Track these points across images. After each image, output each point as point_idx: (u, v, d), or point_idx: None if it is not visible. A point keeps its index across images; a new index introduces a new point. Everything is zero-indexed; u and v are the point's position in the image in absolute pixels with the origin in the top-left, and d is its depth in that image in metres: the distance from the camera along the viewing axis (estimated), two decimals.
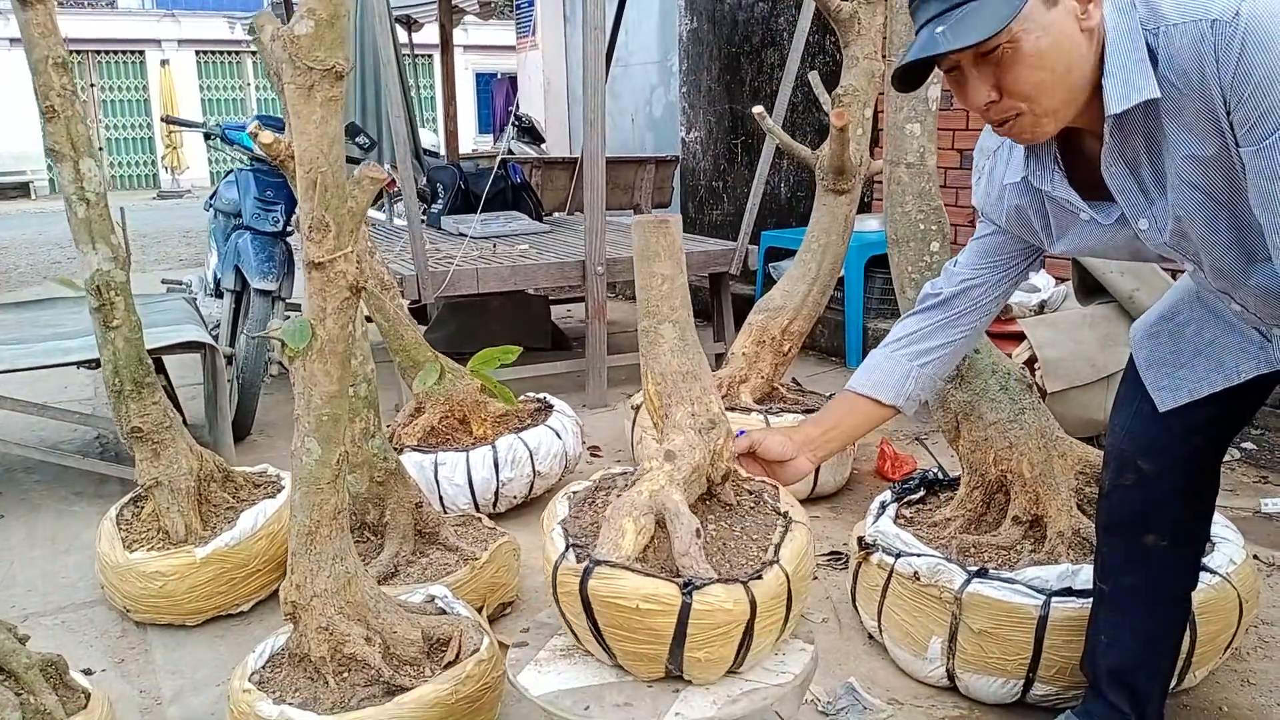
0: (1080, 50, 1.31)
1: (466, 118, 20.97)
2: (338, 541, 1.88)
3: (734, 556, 1.57)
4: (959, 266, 1.77)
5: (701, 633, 1.44)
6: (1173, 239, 1.43)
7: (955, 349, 1.79)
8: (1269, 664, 2.26)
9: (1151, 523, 1.75)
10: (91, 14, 20.58)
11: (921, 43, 1.33)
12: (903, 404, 1.78)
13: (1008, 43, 1.29)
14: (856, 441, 2.06)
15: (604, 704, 1.48)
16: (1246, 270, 1.42)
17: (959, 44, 1.29)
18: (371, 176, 1.78)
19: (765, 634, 1.52)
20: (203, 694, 2.26)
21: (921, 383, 1.78)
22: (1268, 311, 1.49)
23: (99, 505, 3.21)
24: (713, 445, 1.64)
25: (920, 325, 1.79)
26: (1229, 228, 1.38)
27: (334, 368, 1.79)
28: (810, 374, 4.81)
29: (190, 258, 9.90)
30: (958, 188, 4.82)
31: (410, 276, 4.07)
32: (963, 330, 1.77)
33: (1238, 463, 3.50)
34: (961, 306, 1.75)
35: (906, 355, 1.77)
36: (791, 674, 1.55)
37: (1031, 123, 1.37)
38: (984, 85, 1.35)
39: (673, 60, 7.19)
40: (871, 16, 3.15)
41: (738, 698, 1.48)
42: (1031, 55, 1.30)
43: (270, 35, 1.66)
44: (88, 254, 2.45)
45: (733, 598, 1.44)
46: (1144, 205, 1.42)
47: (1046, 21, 1.29)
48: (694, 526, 1.50)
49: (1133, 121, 1.35)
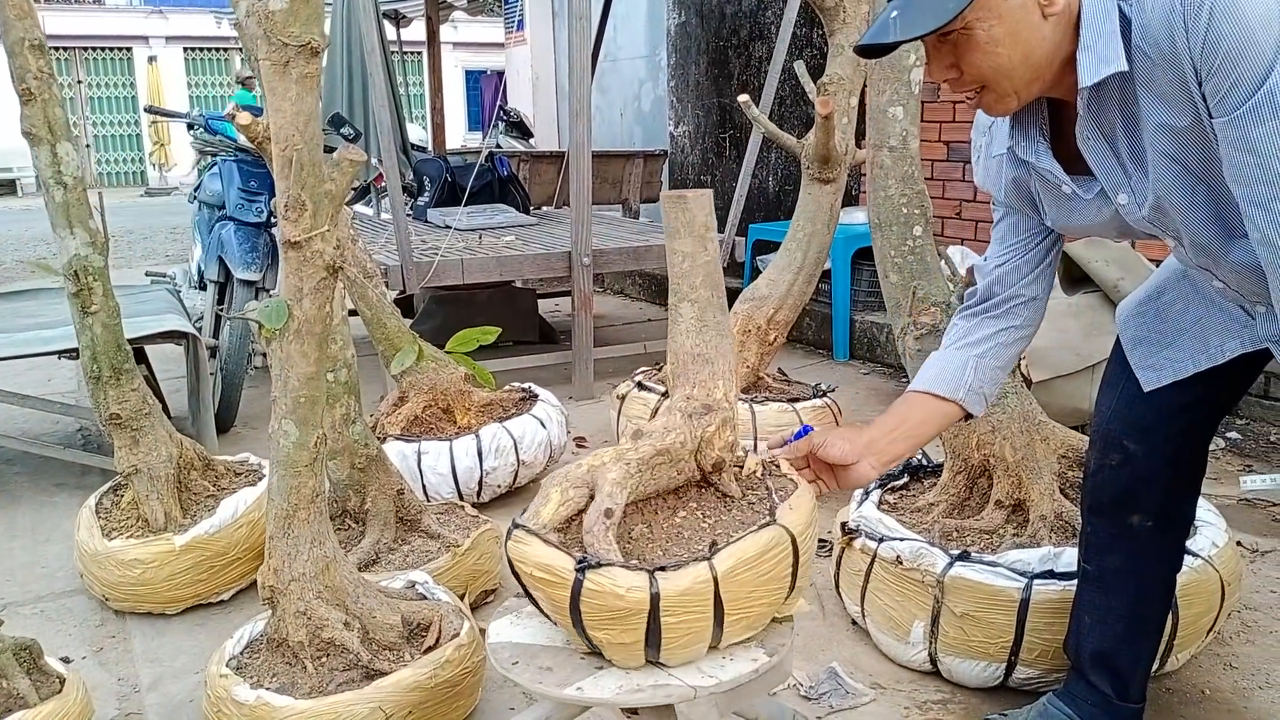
0: (1040, 34, 1.30)
1: (456, 115, 20.88)
2: (316, 525, 1.87)
3: (680, 547, 1.49)
4: (988, 258, 1.74)
5: (595, 613, 1.39)
6: (1151, 214, 1.42)
7: (1009, 338, 1.71)
8: (1251, 648, 2.27)
9: (1137, 503, 1.75)
10: (79, 10, 20.47)
11: (878, 25, 1.34)
12: (964, 396, 1.67)
13: (962, 29, 1.29)
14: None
15: (530, 663, 1.48)
16: (1226, 246, 1.41)
17: (905, 35, 1.30)
18: (350, 159, 1.76)
19: (684, 631, 1.41)
20: (181, 681, 2.24)
21: (982, 373, 1.68)
22: (1248, 288, 1.48)
23: (80, 496, 3.18)
24: (700, 431, 1.57)
25: (968, 319, 1.74)
26: (1207, 202, 1.37)
27: (311, 349, 1.77)
28: (798, 366, 4.81)
29: (177, 253, 9.85)
30: (945, 179, 4.82)
31: (395, 267, 4.06)
32: (1013, 320, 1.70)
33: (1222, 451, 3.51)
34: (1001, 294, 1.70)
35: (960, 348, 1.71)
36: (715, 680, 1.43)
37: (995, 99, 1.38)
38: (944, 63, 1.36)
39: (661, 55, 7.18)
40: (856, 5, 3.15)
41: (644, 689, 1.41)
42: (985, 43, 1.30)
43: (245, 11, 1.64)
44: (65, 239, 2.43)
45: (628, 585, 1.36)
46: (1122, 179, 1.42)
47: (1003, 9, 1.28)
48: (605, 506, 1.44)
49: (1108, 94, 1.34)
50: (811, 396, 3.34)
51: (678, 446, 1.55)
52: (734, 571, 1.41)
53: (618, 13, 7.02)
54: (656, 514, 1.56)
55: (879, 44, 1.35)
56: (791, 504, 1.51)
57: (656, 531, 1.53)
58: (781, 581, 1.48)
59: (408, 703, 1.81)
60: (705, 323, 1.61)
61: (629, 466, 1.50)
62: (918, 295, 2.35)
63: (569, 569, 1.39)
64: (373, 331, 3.07)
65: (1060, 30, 1.31)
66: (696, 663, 1.46)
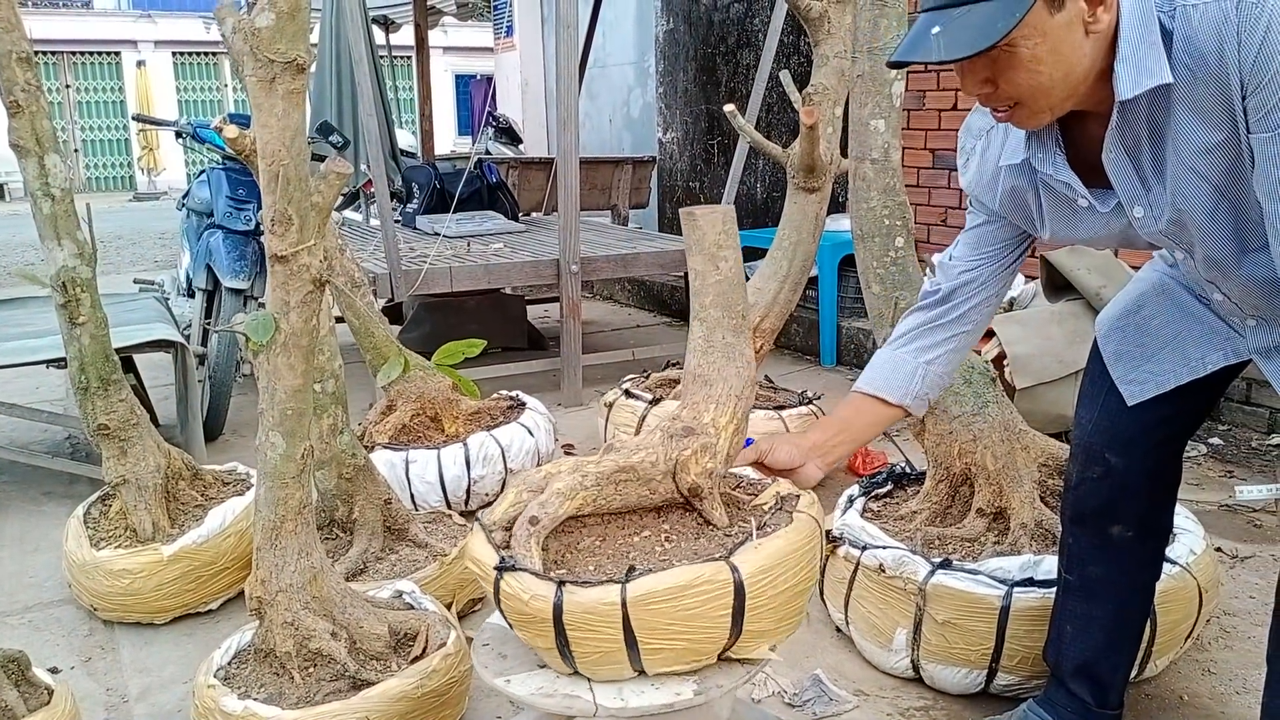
0: (1081, 52, 1.28)
1: (446, 119, 20.90)
2: (303, 536, 1.88)
3: (615, 565, 1.46)
4: (954, 260, 1.73)
5: (510, 614, 1.44)
6: (1169, 227, 1.41)
7: (960, 344, 1.73)
8: (1229, 654, 2.29)
9: (1119, 514, 1.77)
10: (66, 14, 20.40)
11: (914, 38, 1.29)
12: (911, 403, 1.71)
13: (1005, 46, 1.25)
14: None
15: (497, 649, 1.55)
16: (1239, 260, 1.41)
17: (950, 56, 1.25)
18: (336, 172, 1.78)
19: (591, 648, 1.40)
20: (170, 691, 2.25)
21: (930, 381, 1.71)
22: (1250, 302, 1.49)
23: (68, 505, 3.18)
24: (675, 453, 1.52)
25: (922, 321, 1.73)
26: (1228, 217, 1.36)
27: (298, 361, 1.79)
28: (785, 372, 4.84)
29: (165, 259, 9.83)
30: (930, 187, 4.85)
31: (383, 275, 4.07)
32: (966, 326, 1.72)
33: (1205, 457, 3.54)
34: (961, 300, 1.70)
35: (911, 352, 1.71)
36: (622, 704, 1.40)
37: (1028, 115, 1.35)
38: (978, 78, 1.32)
39: (649, 61, 7.21)
40: (841, 16, 3.17)
41: (556, 695, 1.43)
42: (1029, 61, 1.26)
43: (231, 27, 1.65)
44: (53, 250, 2.43)
45: (533, 593, 1.37)
46: (1141, 192, 1.40)
47: (1048, 27, 1.24)
48: (532, 514, 1.44)
49: (1138, 107, 1.32)
50: (798, 404, 3.36)
51: (646, 465, 1.52)
52: (646, 600, 1.36)
53: (606, 19, 7.05)
54: (620, 530, 1.55)
55: (914, 60, 1.31)
56: (760, 544, 1.44)
57: (606, 546, 1.51)
58: (713, 621, 1.40)
59: (395, 712, 1.82)
60: (712, 343, 1.57)
61: (583, 479, 1.49)
62: (900, 305, 2.38)
63: (490, 567, 1.42)
64: (360, 340, 3.09)
65: (1099, 46, 1.29)
66: (621, 682, 1.45)
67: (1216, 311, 1.60)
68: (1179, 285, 1.68)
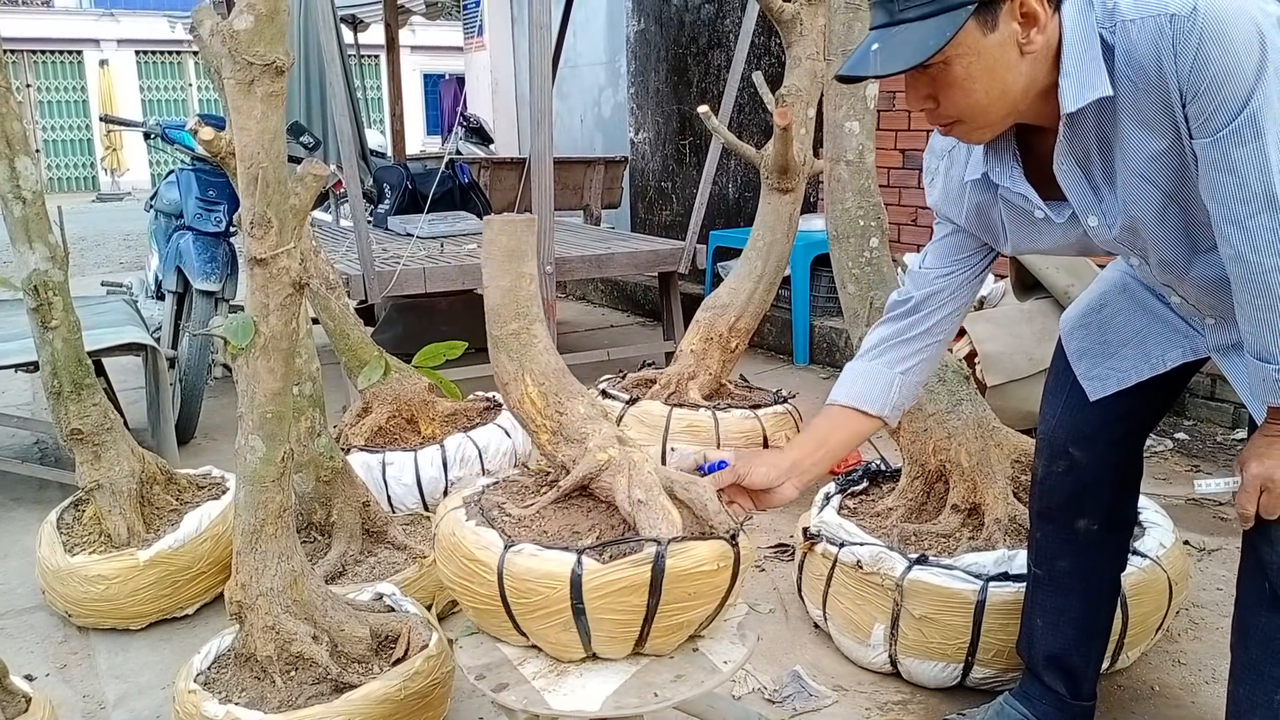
0: (1017, 71, 1.33)
1: (414, 119, 20.78)
2: (283, 540, 1.87)
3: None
4: (923, 270, 1.75)
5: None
6: (1122, 234, 1.46)
7: (933, 352, 1.75)
8: (1199, 644, 2.34)
9: (1084, 508, 1.81)
10: (27, 12, 20.08)
11: (858, 56, 1.35)
12: (889, 413, 1.72)
13: (941, 63, 1.31)
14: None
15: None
16: (1190, 261, 1.47)
17: (884, 70, 1.32)
18: (314, 173, 1.77)
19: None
20: (147, 697, 2.24)
21: (906, 390, 1.73)
22: (1206, 301, 1.53)
23: (38, 511, 3.15)
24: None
25: (893, 332, 1.75)
26: (1178, 220, 1.41)
27: (278, 365, 1.78)
28: (758, 371, 4.87)
29: (131, 261, 9.72)
30: (901, 187, 4.90)
31: (356, 276, 4.04)
32: (937, 334, 1.74)
33: (1171, 452, 3.61)
34: (930, 310, 1.72)
35: (885, 363, 1.73)
36: (534, 702, 1.48)
37: (968, 131, 1.41)
38: (920, 94, 1.38)
39: (621, 62, 7.22)
40: (813, 18, 3.20)
41: (495, 669, 1.55)
42: (963, 79, 1.32)
43: (209, 30, 1.65)
44: (24, 254, 2.41)
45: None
46: (1094, 202, 1.45)
47: (981, 47, 1.30)
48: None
49: (1085, 119, 1.37)
50: (773, 403, 3.39)
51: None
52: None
53: (577, 19, 7.04)
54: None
55: (857, 75, 1.37)
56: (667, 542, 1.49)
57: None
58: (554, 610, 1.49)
59: (377, 715, 1.82)
60: (549, 340, 1.77)
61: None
62: (875, 305, 2.41)
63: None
64: (336, 342, 3.07)
65: (1038, 65, 1.34)
66: (576, 676, 1.54)
67: (1176, 311, 1.65)
68: (1141, 285, 1.72)
